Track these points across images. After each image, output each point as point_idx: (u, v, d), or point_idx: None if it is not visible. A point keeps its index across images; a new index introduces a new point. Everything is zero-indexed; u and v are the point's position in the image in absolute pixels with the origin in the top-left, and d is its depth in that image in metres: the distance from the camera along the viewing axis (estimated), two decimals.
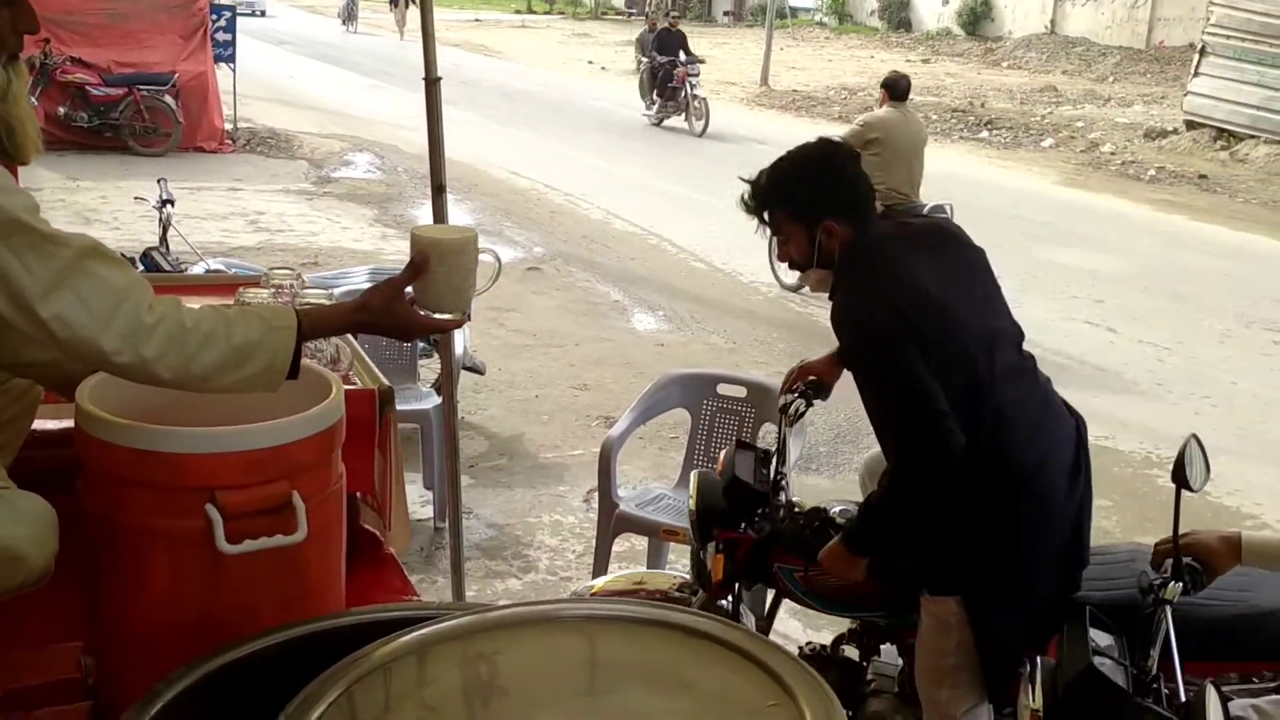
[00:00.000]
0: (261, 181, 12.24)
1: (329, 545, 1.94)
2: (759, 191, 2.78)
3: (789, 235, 2.75)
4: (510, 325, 7.72)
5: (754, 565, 2.96)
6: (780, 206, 2.75)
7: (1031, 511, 2.57)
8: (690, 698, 1.57)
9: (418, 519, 4.90)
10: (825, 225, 2.69)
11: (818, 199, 2.71)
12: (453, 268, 1.96)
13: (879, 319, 2.56)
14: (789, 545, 2.91)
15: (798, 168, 2.78)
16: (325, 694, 1.50)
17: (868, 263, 2.67)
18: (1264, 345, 7.97)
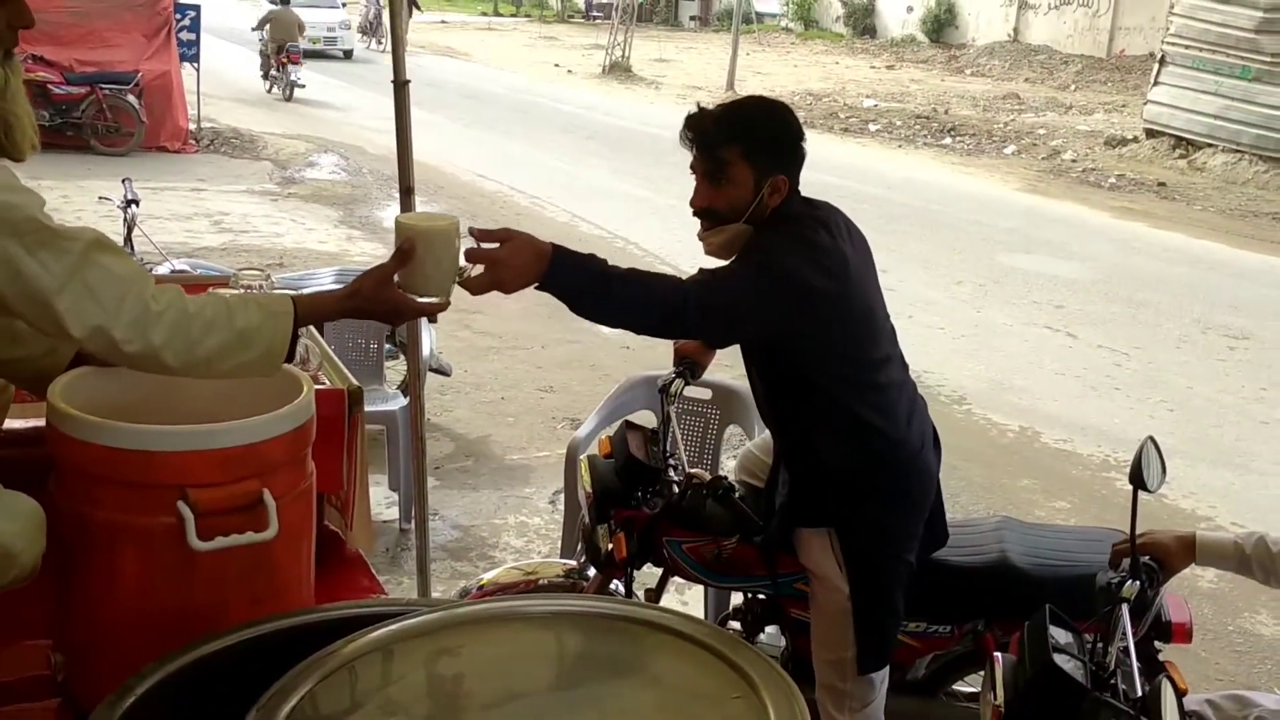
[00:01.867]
0: (225, 182, 12.18)
1: (299, 543, 1.96)
2: (716, 123, 2.57)
3: (734, 178, 2.54)
4: (476, 327, 7.73)
5: (643, 543, 3.03)
6: (738, 143, 2.53)
7: (916, 485, 2.74)
8: (655, 691, 1.61)
9: (383, 520, 4.91)
10: (775, 180, 2.55)
11: (779, 148, 2.59)
12: (437, 253, 2.04)
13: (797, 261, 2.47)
14: (678, 519, 2.99)
15: (760, 109, 2.66)
16: (296, 688, 1.52)
17: (805, 222, 2.57)
18: (1220, 351, 8.11)
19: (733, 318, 2.45)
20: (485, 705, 1.56)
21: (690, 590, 4.28)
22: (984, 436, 6.31)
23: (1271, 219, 12.88)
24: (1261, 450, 6.33)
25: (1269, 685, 4.10)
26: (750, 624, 3.20)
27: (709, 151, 2.56)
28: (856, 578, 2.70)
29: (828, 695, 2.81)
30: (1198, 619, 4.43)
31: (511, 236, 2.23)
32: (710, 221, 2.61)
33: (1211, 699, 2.32)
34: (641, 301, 2.37)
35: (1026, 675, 2.07)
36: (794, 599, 3.00)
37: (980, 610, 2.91)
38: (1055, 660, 2.02)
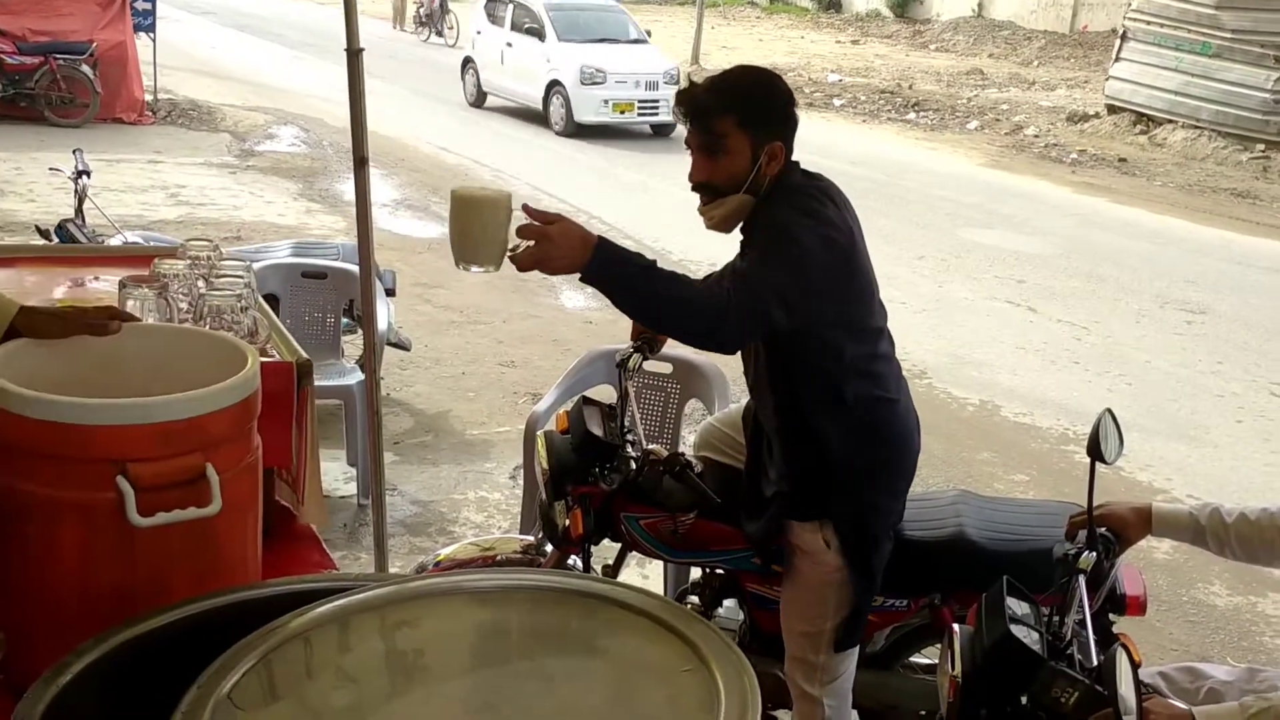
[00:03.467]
0: (182, 154, 12.01)
1: (245, 518, 1.92)
2: (709, 94, 2.55)
3: (731, 149, 2.52)
4: (437, 301, 7.68)
5: (600, 519, 3.02)
6: (733, 112, 2.51)
7: (911, 461, 2.79)
8: (605, 664, 1.59)
9: (341, 496, 4.88)
10: (772, 147, 2.54)
11: (772, 114, 2.57)
12: (487, 222, 2.21)
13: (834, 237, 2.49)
14: (636, 495, 2.99)
15: (751, 77, 2.64)
16: (239, 664, 1.49)
17: (814, 194, 2.56)
18: (1177, 325, 8.18)
19: (767, 320, 2.42)
20: (432, 680, 1.54)
21: (651, 565, 4.28)
22: (944, 410, 6.34)
23: (1229, 195, 13.00)
24: (1216, 423, 6.40)
25: (1222, 655, 4.15)
26: (708, 599, 3.21)
27: (703, 123, 2.54)
28: (852, 557, 2.70)
29: (799, 668, 2.81)
30: (1152, 590, 4.48)
31: (561, 219, 2.30)
32: (709, 195, 2.59)
33: (1164, 671, 2.34)
34: (682, 304, 2.37)
35: (984, 646, 2.08)
36: (752, 573, 3.00)
37: (937, 584, 2.92)
38: (1012, 630, 2.03)
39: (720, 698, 1.43)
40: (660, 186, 10.78)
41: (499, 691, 1.49)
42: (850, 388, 2.62)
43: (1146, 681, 2.26)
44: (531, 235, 2.26)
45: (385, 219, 9.94)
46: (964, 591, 2.85)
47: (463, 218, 2.27)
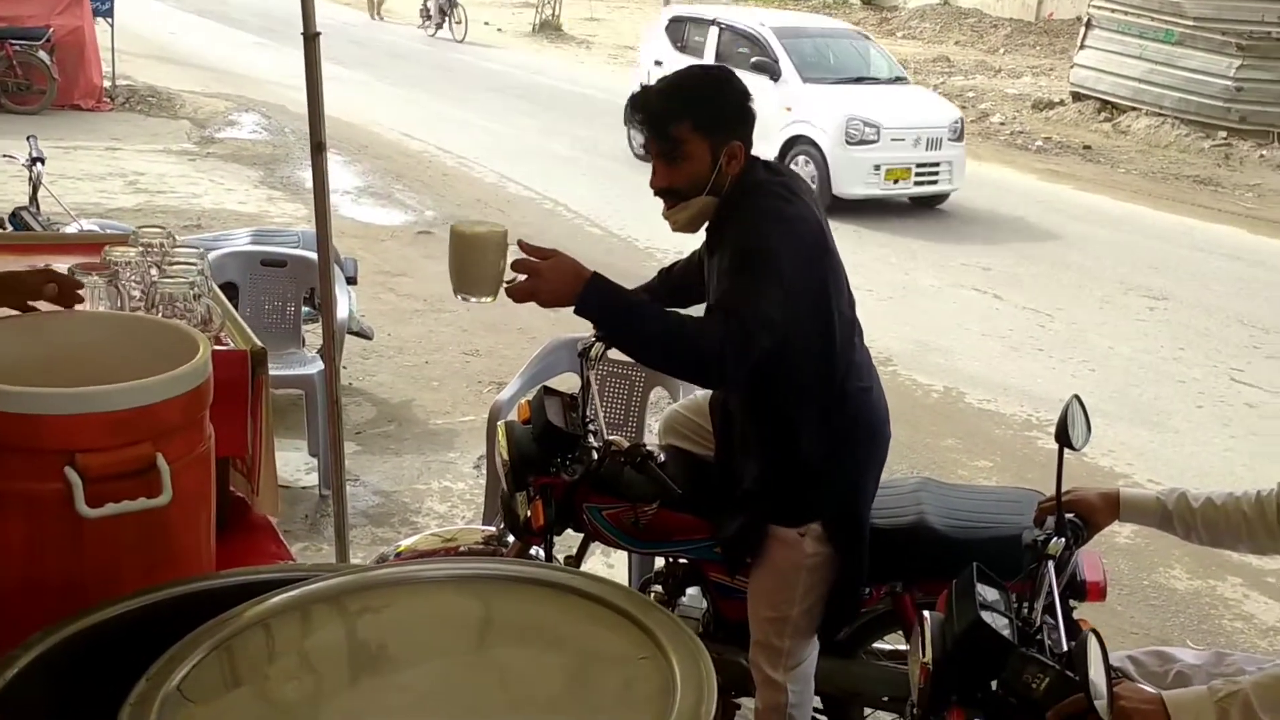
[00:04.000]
0: (141, 141, 11.87)
1: (197, 509, 1.89)
2: (662, 101, 2.55)
3: (690, 154, 2.53)
4: (400, 290, 7.62)
5: (562, 510, 3.01)
6: (687, 118, 2.51)
7: (885, 451, 2.83)
8: (562, 653, 1.58)
9: (303, 486, 4.84)
10: (731, 147, 2.55)
11: (727, 115, 2.57)
12: (485, 256, 2.38)
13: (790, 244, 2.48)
14: (598, 485, 2.97)
15: (703, 79, 2.63)
16: (190, 655, 1.47)
17: (778, 190, 2.56)
18: (1140, 311, 8.25)
19: (757, 350, 2.42)
20: (387, 670, 1.52)
21: (615, 554, 4.27)
22: (909, 397, 6.36)
23: (1191, 182, 13.12)
24: (1178, 408, 6.45)
25: (1182, 638, 4.19)
26: (672, 588, 3.20)
27: (660, 131, 2.54)
28: (841, 551, 2.73)
29: (763, 653, 2.81)
30: (1114, 574, 4.53)
31: (555, 255, 2.41)
32: (673, 199, 2.60)
33: (1133, 655, 2.35)
34: (672, 344, 2.40)
35: (954, 632, 2.08)
36: (714, 563, 3.00)
37: (899, 572, 2.93)
38: (983, 617, 2.03)
39: (677, 685, 1.42)
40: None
41: (454, 682, 1.47)
42: (830, 382, 2.64)
43: (1115, 665, 2.27)
44: (524, 270, 2.38)
45: (348, 206, 9.86)
46: (926, 579, 2.87)
47: (461, 252, 2.43)
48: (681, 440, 3.13)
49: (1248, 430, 6.18)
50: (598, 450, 2.97)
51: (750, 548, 2.78)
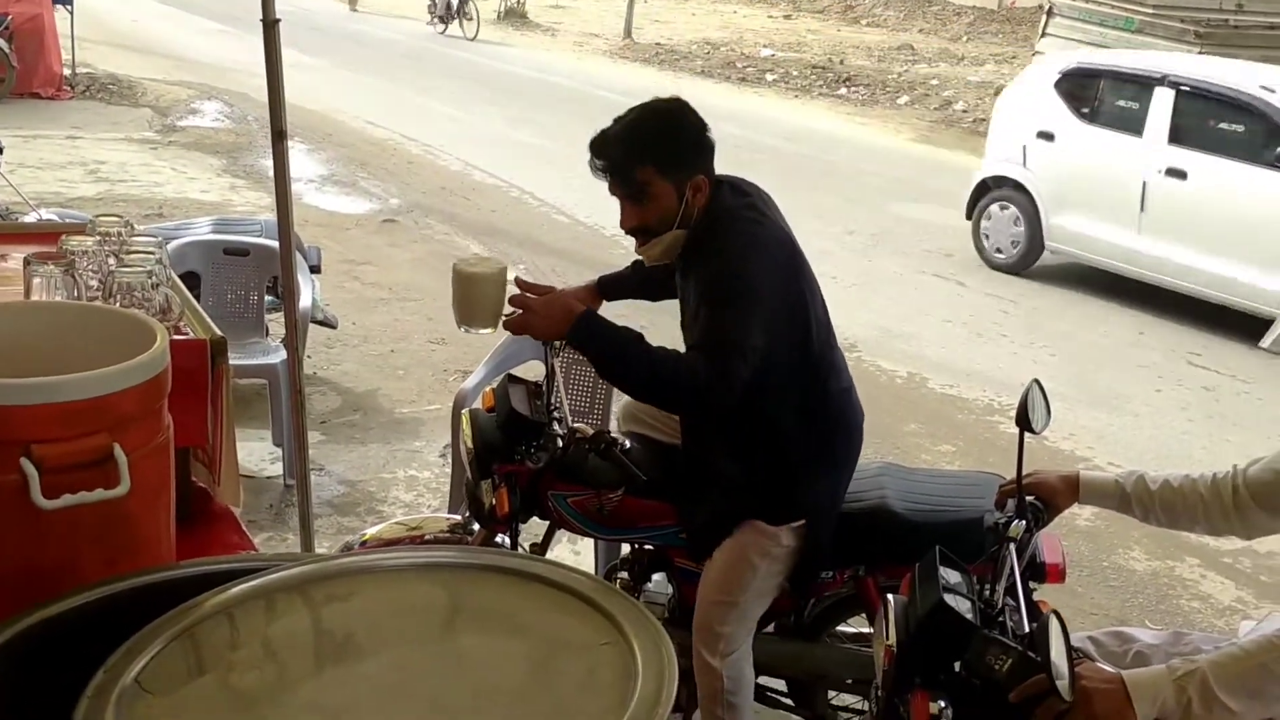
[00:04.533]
0: (102, 129, 11.73)
1: (157, 499, 1.88)
2: (622, 148, 2.61)
3: (656, 194, 2.60)
4: (366, 278, 7.59)
5: (527, 497, 3.02)
6: (649, 162, 2.58)
7: (859, 450, 2.90)
8: (525, 640, 1.58)
9: (267, 476, 4.82)
10: (695, 181, 2.62)
11: (686, 153, 2.64)
12: (486, 292, 2.63)
13: (766, 274, 2.57)
14: (563, 473, 2.99)
15: (660, 120, 2.68)
16: (149, 646, 1.47)
17: (748, 215, 2.65)
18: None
19: (740, 378, 2.51)
20: (347, 660, 1.52)
21: (582, 542, 4.28)
22: (874, 383, 6.40)
23: None
24: (1136, 392, 6.53)
25: (1141, 619, 4.25)
26: (637, 574, 3.21)
27: (624, 177, 2.62)
28: (811, 543, 2.81)
29: (703, 638, 2.84)
30: (1074, 556, 4.58)
31: (550, 291, 2.65)
32: (644, 237, 2.69)
33: (1092, 635, 2.38)
34: (656, 381, 2.53)
35: (918, 615, 2.10)
36: (679, 549, 3.02)
37: (862, 555, 2.95)
38: (946, 600, 2.05)
39: (638, 670, 1.43)
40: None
41: (415, 671, 1.47)
42: (812, 385, 2.72)
43: (1076, 646, 2.30)
44: (519, 305, 2.60)
45: (311, 195, 9.80)
46: (889, 563, 2.90)
47: (462, 290, 2.68)
48: (642, 427, 3.16)
49: (1205, 413, 6.26)
50: (562, 438, 2.97)
51: (721, 536, 2.81)
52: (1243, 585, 4.56)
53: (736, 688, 2.85)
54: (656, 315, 3.54)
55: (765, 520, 2.76)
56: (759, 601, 2.85)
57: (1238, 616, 4.24)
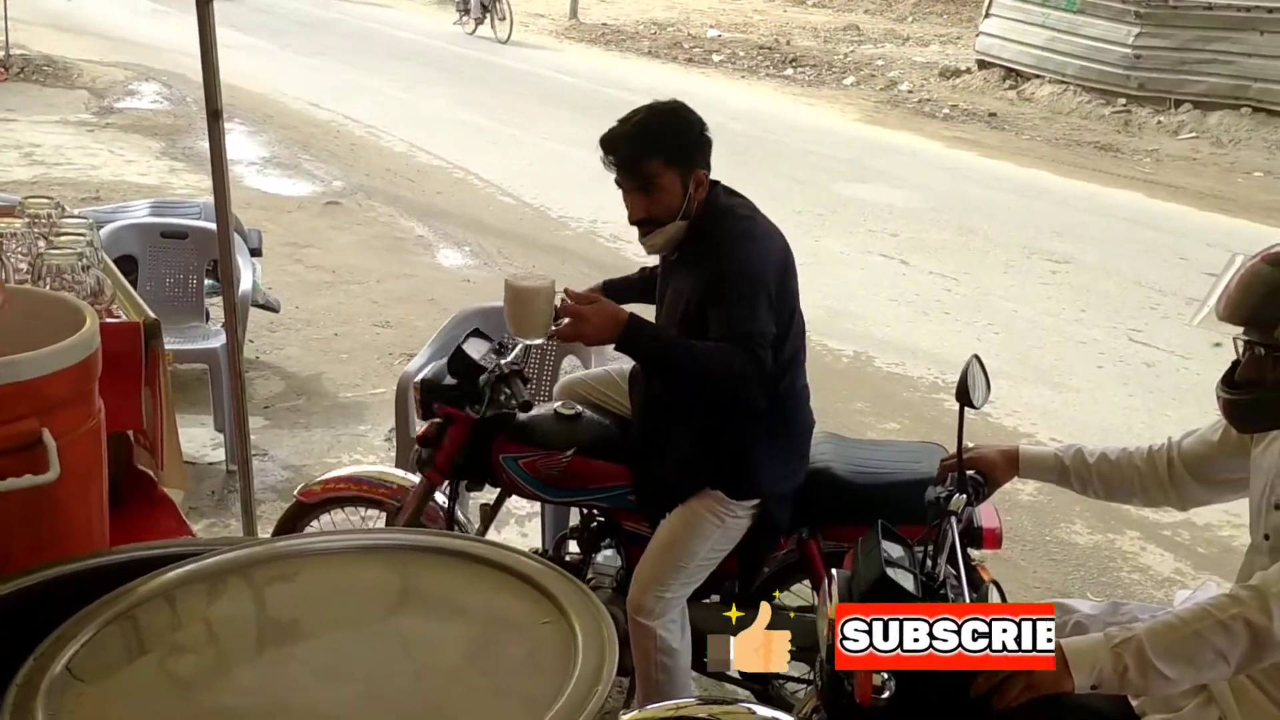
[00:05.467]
0: (37, 112, 11.49)
1: (88, 485, 1.84)
2: (633, 142, 2.78)
3: (664, 185, 2.77)
4: (308, 261, 7.50)
5: (478, 463, 3.06)
6: (658, 155, 2.76)
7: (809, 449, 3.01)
8: (463, 621, 1.57)
9: (210, 462, 4.75)
10: (697, 175, 2.80)
11: (692, 147, 2.82)
12: (536, 305, 2.80)
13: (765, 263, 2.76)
14: (514, 435, 3.05)
15: (667, 116, 2.86)
16: (79, 633, 1.44)
17: (743, 212, 2.86)
18: (1043, 275, 8.41)
19: (767, 350, 2.72)
20: (282, 645, 1.50)
21: (530, 524, 4.28)
22: (819, 363, 6.41)
23: (1093, 148, 13.38)
24: (1079, 369, 6.61)
25: (1083, 591, 4.31)
26: (587, 542, 3.23)
27: (634, 170, 2.79)
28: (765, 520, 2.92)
29: (641, 599, 2.89)
30: (1017, 530, 4.64)
31: (597, 300, 2.80)
32: (650, 227, 2.85)
33: None
34: (698, 372, 2.73)
35: (860, 588, 2.11)
36: (629, 512, 3.04)
37: (805, 518, 2.99)
38: (888, 573, 2.07)
39: (579, 648, 1.43)
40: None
41: (352, 655, 1.46)
42: (784, 376, 2.86)
43: None
44: (571, 314, 2.76)
45: (253, 177, 9.67)
46: (832, 525, 2.98)
47: (515, 303, 2.84)
48: (583, 402, 3.20)
49: (1145, 389, 6.35)
50: (511, 397, 3.02)
51: (677, 500, 2.88)
52: (1181, 557, 4.64)
53: (670, 649, 2.90)
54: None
55: (724, 491, 2.85)
56: (701, 570, 2.92)
57: (1176, 587, 4.31)
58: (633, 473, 2.99)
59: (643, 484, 2.98)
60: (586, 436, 3.04)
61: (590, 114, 13.66)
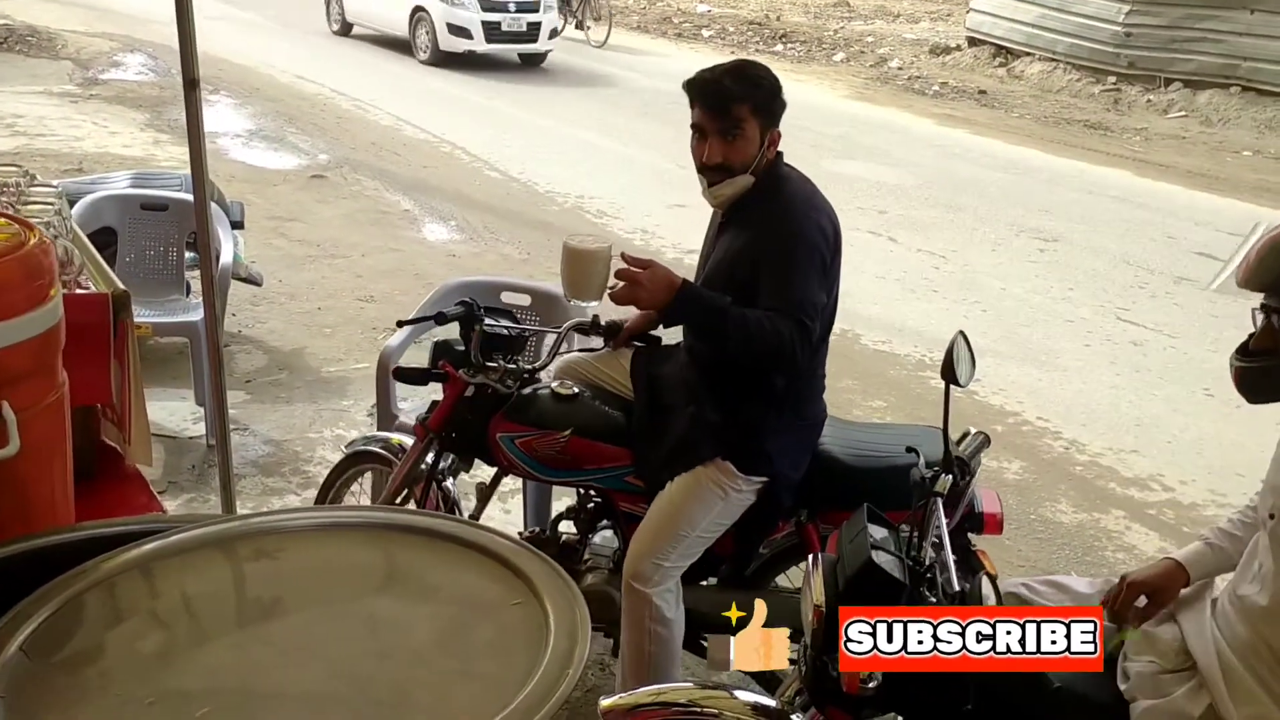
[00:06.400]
0: (20, 83, 11.36)
1: (50, 459, 1.80)
2: (724, 85, 2.75)
3: (746, 134, 2.75)
4: (292, 235, 7.42)
5: (477, 442, 3.06)
6: (749, 100, 2.75)
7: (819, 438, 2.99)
8: (435, 601, 1.54)
9: (190, 437, 4.71)
10: (773, 133, 2.79)
11: (776, 104, 2.80)
12: (593, 268, 2.84)
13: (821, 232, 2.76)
14: (511, 413, 3.04)
15: (759, 67, 2.84)
16: (36, 613, 1.41)
17: (807, 183, 2.85)
18: (1031, 253, 8.38)
19: (817, 320, 2.72)
20: (248, 624, 1.47)
21: (511, 501, 4.24)
22: None
23: (1082, 126, 13.34)
24: (1066, 347, 6.58)
25: (1068, 569, 4.29)
26: (583, 523, 3.20)
27: (724, 109, 2.75)
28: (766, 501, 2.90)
29: (639, 566, 2.85)
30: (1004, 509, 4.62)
31: (652, 265, 2.71)
32: (721, 175, 2.80)
33: (1028, 582, 2.38)
34: (750, 341, 2.67)
35: (847, 574, 2.07)
36: (625, 493, 3.02)
37: (803, 501, 2.96)
38: (874, 559, 2.03)
39: (550, 630, 1.40)
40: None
41: (320, 634, 1.43)
42: (812, 358, 2.84)
43: (1011, 591, 2.29)
44: (626, 278, 2.70)
45: (238, 150, 9.58)
46: (830, 508, 2.94)
47: (573, 265, 2.87)
48: (580, 380, 3.17)
49: (1132, 368, 6.33)
50: (510, 373, 3.04)
51: (685, 466, 2.85)
52: (1166, 536, 4.62)
53: (664, 619, 2.87)
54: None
55: (734, 463, 2.82)
56: (700, 542, 2.88)
57: None
58: (634, 452, 2.97)
59: (645, 453, 2.96)
60: (584, 417, 3.01)
61: (579, 89, 13.60)
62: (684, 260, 7.37)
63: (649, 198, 8.95)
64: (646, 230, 8.18)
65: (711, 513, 2.84)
